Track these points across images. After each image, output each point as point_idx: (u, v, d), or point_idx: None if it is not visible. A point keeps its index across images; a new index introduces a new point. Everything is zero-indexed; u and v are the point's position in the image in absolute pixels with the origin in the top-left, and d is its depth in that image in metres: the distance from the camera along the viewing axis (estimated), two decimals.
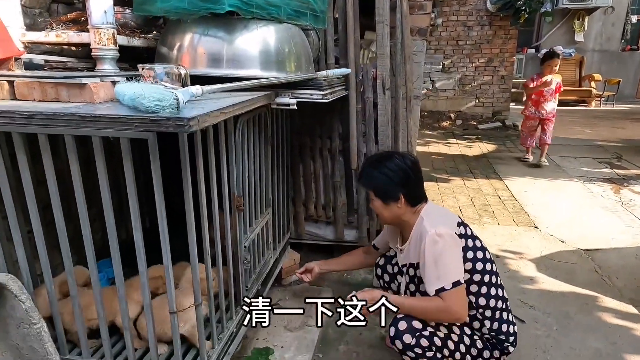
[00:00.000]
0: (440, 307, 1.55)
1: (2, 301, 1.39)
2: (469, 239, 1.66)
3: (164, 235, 1.26)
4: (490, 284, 1.67)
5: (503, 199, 4.19)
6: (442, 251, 1.55)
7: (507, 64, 8.23)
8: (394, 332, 1.58)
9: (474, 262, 1.64)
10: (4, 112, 1.17)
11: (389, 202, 1.69)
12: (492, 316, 1.67)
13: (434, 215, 1.66)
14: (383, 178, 1.68)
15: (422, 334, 1.55)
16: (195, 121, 1.08)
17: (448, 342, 1.59)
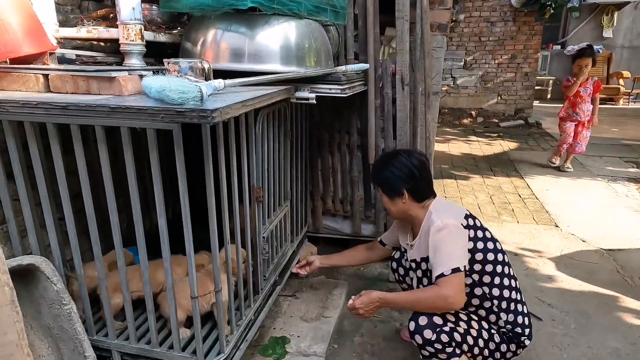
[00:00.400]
0: (435, 294, 1.56)
1: (35, 283, 1.48)
2: (478, 230, 1.69)
3: (186, 222, 1.31)
4: (503, 274, 1.69)
5: (523, 197, 4.14)
6: (444, 239, 1.60)
7: (531, 61, 8.07)
8: (414, 326, 1.60)
9: (485, 253, 1.66)
10: (40, 103, 1.24)
11: (394, 197, 1.77)
12: (507, 308, 1.68)
13: (441, 209, 1.71)
14: (388, 174, 1.76)
15: (442, 329, 1.57)
16: (218, 112, 1.12)
17: (467, 337, 1.61)
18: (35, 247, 1.55)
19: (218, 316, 1.51)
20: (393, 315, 2.31)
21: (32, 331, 1.55)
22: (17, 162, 1.42)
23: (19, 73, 1.41)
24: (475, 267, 1.66)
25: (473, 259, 1.65)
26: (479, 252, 1.65)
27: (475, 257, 1.64)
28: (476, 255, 1.64)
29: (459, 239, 1.62)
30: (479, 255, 1.65)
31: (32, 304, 1.52)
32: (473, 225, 1.69)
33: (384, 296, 1.70)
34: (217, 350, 1.56)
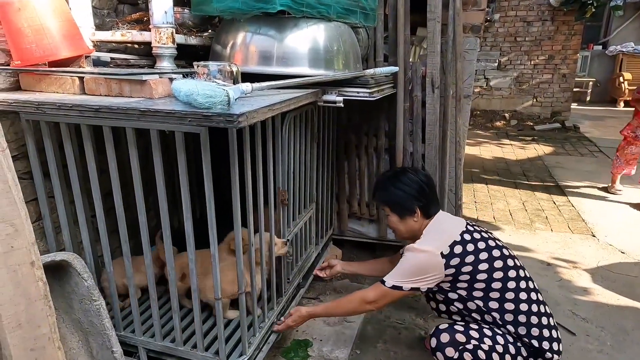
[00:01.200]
0: (357, 300, 1.72)
1: (67, 278, 1.53)
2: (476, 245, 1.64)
3: (211, 224, 1.33)
4: (518, 289, 1.62)
5: (558, 204, 3.98)
6: (408, 260, 1.66)
7: (569, 62, 7.75)
8: (436, 343, 1.58)
9: (491, 272, 1.61)
10: (75, 105, 1.28)
11: (405, 216, 1.75)
12: (528, 321, 1.61)
13: (432, 231, 1.71)
14: (399, 192, 1.74)
15: (465, 347, 1.53)
16: (244, 117, 1.13)
17: (493, 354, 1.55)
18: (69, 244, 1.60)
19: (241, 318, 1.52)
20: (417, 322, 2.27)
21: (64, 324, 1.60)
22: (52, 161, 1.48)
23: (57, 75, 1.46)
24: (459, 284, 1.63)
25: (457, 275, 1.61)
26: (484, 263, 1.61)
27: (461, 272, 1.60)
28: (463, 269, 1.60)
29: (421, 266, 1.63)
30: (465, 273, 1.61)
31: (64, 299, 1.57)
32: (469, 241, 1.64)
33: (314, 311, 1.82)
34: (239, 352, 1.57)
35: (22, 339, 1.29)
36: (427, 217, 1.76)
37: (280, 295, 1.88)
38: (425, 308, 2.38)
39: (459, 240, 1.64)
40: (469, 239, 1.65)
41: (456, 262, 1.61)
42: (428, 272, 1.62)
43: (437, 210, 1.78)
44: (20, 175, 1.61)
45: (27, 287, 1.30)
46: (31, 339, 1.31)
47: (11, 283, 1.28)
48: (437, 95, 2.39)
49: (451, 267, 1.60)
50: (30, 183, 1.60)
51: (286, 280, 1.91)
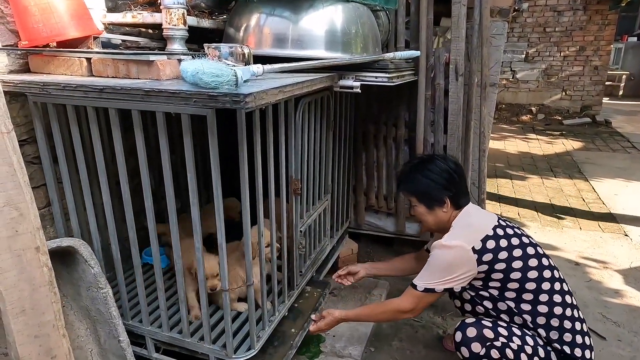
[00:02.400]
0: (392, 309, 1.63)
1: (75, 265, 1.50)
2: (509, 241, 1.53)
3: (219, 212, 1.26)
4: (552, 291, 1.51)
5: (588, 202, 3.79)
6: (438, 258, 1.54)
7: (602, 53, 7.39)
8: (461, 337, 1.48)
9: (525, 271, 1.50)
10: (79, 86, 1.23)
11: (433, 207, 1.64)
12: (560, 326, 1.49)
13: (461, 225, 1.59)
14: (428, 182, 1.62)
15: (493, 344, 1.43)
16: (252, 97, 1.06)
17: (521, 354, 1.44)
18: (77, 230, 1.57)
19: (249, 311, 1.46)
20: (435, 321, 2.17)
21: (72, 312, 1.58)
22: (60, 145, 1.44)
23: (64, 57, 1.42)
24: (491, 283, 1.52)
25: (489, 272, 1.50)
26: (517, 260, 1.50)
27: (494, 269, 1.49)
28: (496, 266, 1.49)
29: (452, 263, 1.51)
30: (499, 270, 1.49)
31: (72, 285, 1.55)
32: (502, 236, 1.53)
33: (346, 315, 1.72)
34: (247, 346, 1.52)
35: (26, 325, 1.26)
36: (456, 207, 1.64)
37: (292, 289, 1.82)
38: (444, 306, 2.28)
39: (492, 235, 1.52)
40: (502, 234, 1.54)
41: (489, 258, 1.49)
42: (460, 269, 1.51)
43: (467, 201, 1.66)
44: (30, 159, 1.59)
45: (32, 273, 1.27)
46: (35, 326, 1.28)
47: (15, 268, 1.25)
48: (460, 84, 2.27)
49: (484, 264, 1.49)
50: (40, 168, 1.58)
51: (298, 273, 1.84)
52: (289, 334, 1.71)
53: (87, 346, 1.60)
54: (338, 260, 2.51)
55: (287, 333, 1.71)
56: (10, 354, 1.28)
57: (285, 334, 1.70)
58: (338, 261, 2.52)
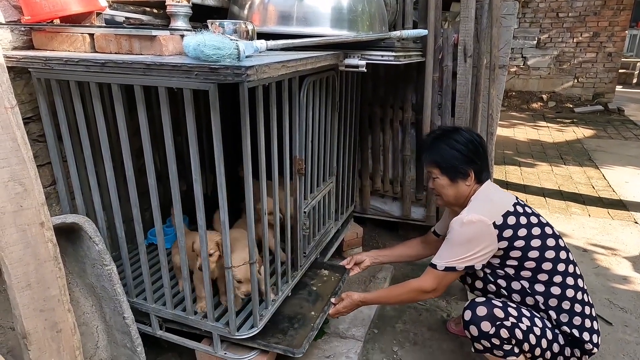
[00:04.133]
0: (412, 289, 1.57)
1: (80, 242, 1.51)
2: (528, 219, 1.50)
3: (221, 188, 1.26)
4: (566, 273, 1.48)
5: (597, 189, 3.73)
6: (459, 234, 1.48)
7: (616, 39, 7.22)
8: (470, 316, 1.45)
9: (543, 250, 1.46)
10: (81, 60, 1.22)
11: (457, 179, 1.56)
12: (571, 309, 1.47)
13: (481, 199, 1.53)
14: (452, 152, 1.54)
15: (503, 323, 1.41)
16: (254, 70, 1.04)
17: (530, 335, 1.42)
18: (82, 208, 1.58)
19: (252, 289, 1.46)
20: (440, 304, 2.17)
21: (77, 288, 1.60)
22: (64, 121, 1.44)
23: (67, 33, 1.41)
24: (509, 261, 1.48)
25: (508, 249, 1.47)
26: (536, 239, 1.47)
27: (513, 246, 1.46)
28: (516, 243, 1.45)
29: (474, 239, 1.46)
30: (536, 242, 1.46)
31: (77, 262, 1.56)
32: (521, 213, 1.49)
33: (365, 298, 1.68)
34: (250, 324, 1.52)
35: (32, 299, 1.28)
36: (478, 181, 1.57)
37: (296, 269, 1.82)
38: (448, 290, 2.26)
39: (512, 211, 1.48)
40: (522, 211, 1.50)
41: (509, 234, 1.45)
42: (480, 244, 1.45)
43: (488, 176, 1.61)
44: (36, 137, 1.59)
45: (37, 248, 1.28)
46: (40, 300, 1.29)
47: (21, 243, 1.26)
48: (469, 65, 2.22)
49: (504, 240, 1.45)
50: (45, 146, 1.58)
51: (302, 254, 1.83)
52: (309, 316, 1.71)
53: (93, 323, 1.62)
54: (343, 244, 2.51)
55: (307, 316, 1.71)
56: (16, 327, 1.30)
57: (306, 317, 1.70)
58: (343, 244, 2.51)
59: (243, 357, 1.51)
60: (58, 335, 1.33)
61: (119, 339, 1.59)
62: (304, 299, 1.83)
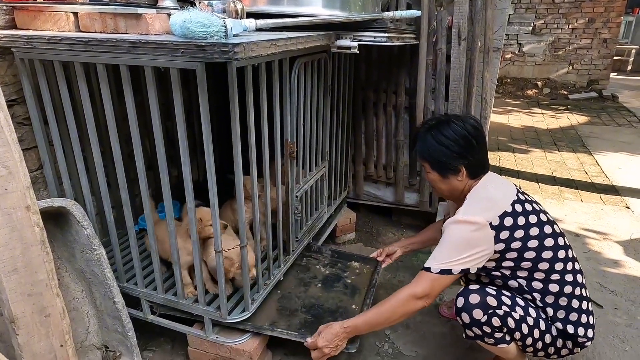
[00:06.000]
0: (403, 299, 1.41)
1: (68, 227, 1.49)
2: (527, 219, 1.42)
3: (210, 171, 1.24)
4: (564, 271, 1.44)
5: (590, 175, 3.75)
6: (454, 236, 1.40)
7: (611, 25, 7.19)
8: (463, 303, 1.40)
9: (540, 251, 1.42)
10: (64, 39, 1.19)
11: (447, 174, 1.49)
12: (568, 305, 1.44)
13: (476, 200, 1.44)
14: (441, 148, 1.45)
15: (495, 312, 1.38)
16: (241, 48, 1.01)
17: (522, 325, 1.40)
18: (70, 193, 1.56)
19: (243, 273, 1.45)
20: None
21: (67, 274, 1.58)
22: (49, 103, 1.41)
23: (50, 11, 1.37)
24: (504, 263, 1.43)
25: (505, 251, 1.41)
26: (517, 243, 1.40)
27: (510, 248, 1.40)
28: (512, 245, 1.39)
29: (469, 241, 1.38)
30: (514, 249, 1.40)
31: (66, 247, 1.54)
32: (520, 213, 1.42)
33: (349, 324, 1.45)
34: (242, 308, 1.52)
35: (19, 283, 1.26)
36: (473, 177, 1.48)
37: (288, 254, 1.81)
38: None
39: (510, 212, 1.40)
40: (521, 210, 1.43)
41: (506, 235, 1.39)
42: (477, 246, 1.38)
43: (485, 170, 1.51)
44: (21, 121, 1.56)
45: (23, 232, 1.26)
46: (28, 284, 1.28)
47: (6, 226, 1.23)
48: (463, 48, 2.20)
49: (501, 242, 1.39)
50: (31, 130, 1.54)
51: (294, 239, 1.83)
52: (351, 309, 1.71)
53: (83, 308, 1.61)
54: (336, 229, 2.51)
55: (348, 309, 1.71)
56: (3, 312, 1.28)
57: (348, 310, 1.70)
58: (336, 230, 2.51)
59: (235, 340, 1.50)
60: (47, 320, 1.31)
61: (109, 324, 1.58)
62: (342, 292, 1.83)
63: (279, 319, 1.63)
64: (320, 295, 1.78)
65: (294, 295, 1.77)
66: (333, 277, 1.91)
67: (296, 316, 1.65)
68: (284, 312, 1.67)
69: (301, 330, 1.56)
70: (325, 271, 1.96)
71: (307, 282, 1.87)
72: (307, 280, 1.88)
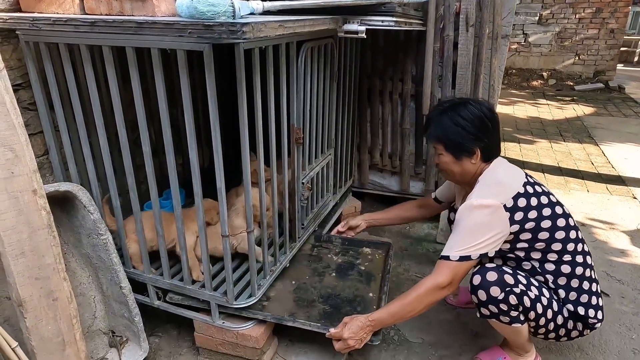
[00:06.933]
0: (427, 289, 1.39)
1: (74, 212, 1.48)
2: (539, 200, 1.42)
3: (217, 155, 1.23)
4: (575, 252, 1.44)
5: (597, 165, 3.72)
6: (470, 221, 1.38)
7: (619, 15, 7.10)
8: (480, 281, 1.39)
9: (553, 231, 1.42)
10: (70, 20, 1.18)
11: (462, 157, 1.46)
12: (580, 286, 1.45)
13: (489, 182, 1.44)
14: (457, 129, 1.43)
15: (512, 290, 1.37)
16: (250, 27, 1.00)
17: (537, 304, 1.40)
18: (76, 178, 1.55)
19: (250, 258, 1.45)
20: None
21: (74, 259, 1.58)
22: (55, 87, 1.40)
23: None
24: (519, 244, 1.43)
25: (519, 232, 1.41)
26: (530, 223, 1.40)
27: (524, 229, 1.40)
28: (526, 226, 1.39)
29: (486, 225, 1.37)
30: (528, 230, 1.40)
31: (73, 233, 1.54)
32: (532, 194, 1.42)
33: (374, 317, 1.43)
34: (248, 293, 1.52)
35: (26, 267, 1.26)
36: (486, 160, 1.47)
37: (294, 241, 1.81)
38: None
39: (523, 193, 1.41)
40: (532, 191, 1.43)
41: (520, 217, 1.39)
42: (493, 229, 1.37)
43: (497, 153, 1.50)
44: (27, 105, 1.55)
45: (30, 215, 1.26)
46: (35, 268, 1.28)
47: (13, 210, 1.23)
48: (471, 35, 2.17)
49: (515, 223, 1.39)
50: (36, 114, 1.54)
51: (300, 226, 1.82)
52: (368, 298, 1.68)
53: (90, 293, 1.61)
54: (341, 218, 2.50)
55: (366, 297, 1.69)
56: (11, 295, 1.28)
57: (365, 299, 1.68)
58: (341, 218, 2.50)
59: (241, 326, 1.50)
60: (54, 304, 1.32)
61: (116, 309, 1.59)
62: (357, 280, 1.80)
63: (298, 309, 1.60)
64: (335, 285, 1.76)
65: (309, 285, 1.74)
66: (346, 265, 1.88)
67: (314, 307, 1.62)
68: (301, 303, 1.64)
69: (321, 321, 1.54)
70: (338, 259, 1.93)
71: (321, 272, 1.84)
72: (320, 270, 1.85)
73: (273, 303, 1.62)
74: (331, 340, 1.44)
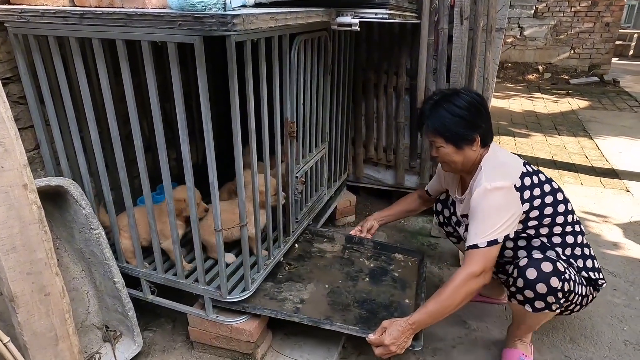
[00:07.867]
0: (464, 280, 1.36)
1: (66, 207, 1.47)
2: (539, 182, 1.48)
3: (209, 148, 1.22)
4: (574, 222, 1.52)
5: (591, 159, 3.74)
6: (487, 206, 1.38)
7: (614, 9, 7.10)
8: (536, 275, 1.35)
9: (555, 205, 1.47)
10: (58, 12, 1.16)
11: (463, 146, 1.46)
12: (582, 253, 1.51)
13: (494, 165, 1.45)
14: (455, 119, 1.43)
15: (565, 276, 1.37)
16: (240, 19, 0.99)
17: (576, 285, 1.42)
18: (67, 173, 1.54)
19: (243, 252, 1.44)
20: (432, 270, 2.17)
21: (66, 254, 1.57)
22: (45, 81, 1.38)
23: None
24: (529, 222, 1.47)
25: (529, 210, 1.45)
26: (537, 200, 1.46)
27: (533, 206, 1.44)
28: (534, 203, 1.45)
29: (504, 206, 1.39)
30: (536, 208, 1.45)
31: (65, 228, 1.53)
32: (532, 172, 1.48)
33: (414, 320, 1.38)
34: (242, 287, 1.52)
35: (17, 262, 1.25)
36: (484, 145, 1.48)
37: (288, 235, 1.81)
38: (440, 256, 2.29)
39: (526, 172, 1.45)
40: (532, 170, 1.48)
41: (528, 195, 1.43)
42: (510, 209, 1.39)
43: (492, 137, 1.52)
44: (16, 99, 1.54)
45: (21, 210, 1.24)
46: (27, 263, 1.27)
47: (3, 205, 1.22)
48: (465, 28, 2.16)
49: (525, 202, 1.42)
50: (27, 108, 1.52)
51: (294, 220, 1.82)
52: (405, 304, 1.66)
53: (83, 288, 1.61)
54: (335, 212, 2.50)
55: (402, 304, 1.66)
56: (2, 290, 1.27)
57: (401, 305, 1.65)
58: (335, 212, 2.50)
59: (235, 320, 1.50)
60: (46, 299, 1.31)
61: (110, 304, 1.58)
62: (391, 286, 1.77)
63: (333, 313, 1.57)
64: (370, 290, 1.72)
65: (343, 289, 1.71)
66: (379, 271, 1.86)
67: (350, 311, 1.60)
68: (336, 306, 1.61)
69: (358, 325, 1.51)
70: (370, 264, 1.91)
71: (354, 276, 1.81)
72: (353, 274, 1.82)
73: (307, 305, 1.60)
74: (327, 334, 1.45)
